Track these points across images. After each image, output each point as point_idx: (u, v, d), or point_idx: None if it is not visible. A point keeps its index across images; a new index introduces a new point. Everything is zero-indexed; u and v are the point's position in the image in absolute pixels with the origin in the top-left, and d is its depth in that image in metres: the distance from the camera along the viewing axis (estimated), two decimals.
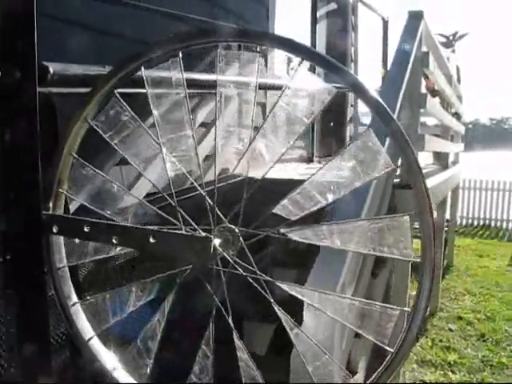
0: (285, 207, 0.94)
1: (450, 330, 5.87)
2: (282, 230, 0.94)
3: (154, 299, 1.04)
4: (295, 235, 0.96)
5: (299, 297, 0.96)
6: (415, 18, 3.69)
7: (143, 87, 0.96)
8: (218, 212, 0.99)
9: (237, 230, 0.92)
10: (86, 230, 0.94)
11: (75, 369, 1.20)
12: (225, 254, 0.91)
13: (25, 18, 0.93)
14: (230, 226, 0.92)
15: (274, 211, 0.92)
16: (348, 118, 7.24)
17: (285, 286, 0.96)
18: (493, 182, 13.67)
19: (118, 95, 0.95)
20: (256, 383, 0.99)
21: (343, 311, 0.95)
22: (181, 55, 0.96)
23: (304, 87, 0.94)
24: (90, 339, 1.01)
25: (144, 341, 0.99)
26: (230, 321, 0.94)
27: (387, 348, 0.95)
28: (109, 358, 1.01)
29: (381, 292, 3.52)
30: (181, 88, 0.98)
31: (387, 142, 1.13)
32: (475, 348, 5.34)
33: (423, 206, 0.98)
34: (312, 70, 1.06)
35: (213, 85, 0.99)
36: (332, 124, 6.28)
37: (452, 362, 4.93)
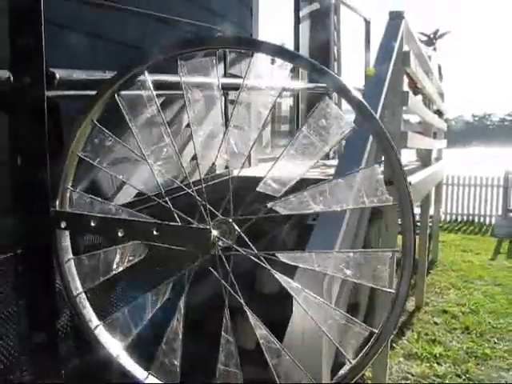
0: (267, 185, 1.01)
1: (436, 323, 5.97)
2: (269, 205, 1.01)
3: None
4: (282, 208, 1.02)
5: (299, 265, 1.03)
6: (396, 18, 3.78)
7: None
8: (211, 208, 1.05)
9: (230, 220, 0.99)
10: (92, 224, 1.00)
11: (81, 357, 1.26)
12: (224, 240, 0.98)
13: (34, 29, 0.98)
14: (223, 217, 0.99)
15: (257, 189, 0.99)
16: None
17: (284, 256, 1.02)
18: (475, 177, 13.86)
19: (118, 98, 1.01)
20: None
21: (342, 266, 1.03)
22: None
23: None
24: (96, 327, 1.07)
25: (167, 340, 1.06)
26: (242, 301, 1.01)
27: (387, 290, 1.03)
28: (114, 346, 1.07)
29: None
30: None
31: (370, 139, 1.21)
32: (460, 340, 5.45)
33: (404, 202, 1.07)
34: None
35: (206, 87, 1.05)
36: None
37: (437, 355, 5.02)
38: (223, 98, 1.06)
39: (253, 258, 1.03)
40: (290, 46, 7.18)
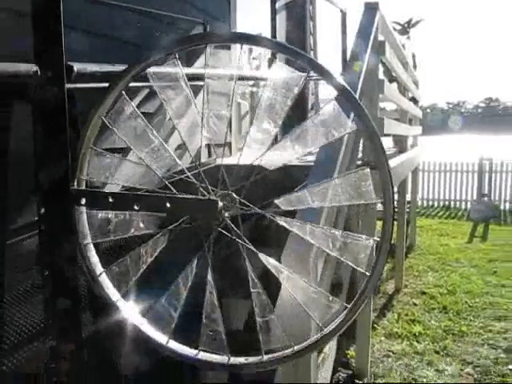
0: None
1: (415, 304, 6.17)
2: (276, 201, 1.13)
3: None
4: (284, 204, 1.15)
5: (292, 229, 1.15)
6: (371, 9, 3.90)
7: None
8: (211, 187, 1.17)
9: (234, 195, 1.12)
10: (110, 200, 1.11)
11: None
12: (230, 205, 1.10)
13: (54, 28, 1.09)
14: (227, 192, 1.11)
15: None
16: (309, 106, 7.49)
17: (278, 218, 1.14)
18: (451, 164, 14.14)
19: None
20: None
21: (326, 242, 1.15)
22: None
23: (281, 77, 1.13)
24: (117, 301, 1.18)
25: (170, 299, 1.17)
26: (245, 255, 1.12)
27: (363, 271, 1.15)
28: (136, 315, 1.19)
29: None
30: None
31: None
32: (438, 319, 5.65)
33: (386, 184, 1.19)
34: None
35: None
36: (294, 111, 6.51)
37: (417, 333, 5.22)
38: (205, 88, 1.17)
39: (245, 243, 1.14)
40: (268, 36, 7.28)
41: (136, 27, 3.79)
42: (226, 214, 1.12)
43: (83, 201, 1.13)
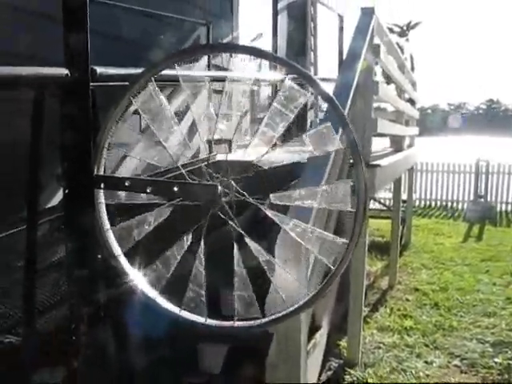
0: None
1: (407, 300, 6.35)
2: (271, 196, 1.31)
3: None
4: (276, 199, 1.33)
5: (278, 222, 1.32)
6: (367, 13, 4.08)
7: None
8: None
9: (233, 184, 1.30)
10: (126, 184, 1.29)
11: None
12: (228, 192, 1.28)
13: (82, 35, 1.27)
14: (227, 179, 1.29)
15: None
16: (309, 105, 7.66)
17: (268, 212, 1.32)
18: (448, 164, 14.30)
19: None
20: None
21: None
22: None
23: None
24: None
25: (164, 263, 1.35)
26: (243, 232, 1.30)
27: (331, 266, 1.33)
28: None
29: None
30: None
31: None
32: (429, 315, 5.83)
33: (360, 179, 1.36)
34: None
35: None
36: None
37: (408, 327, 5.39)
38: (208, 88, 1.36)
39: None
40: (269, 36, 7.43)
41: (140, 28, 3.96)
42: (224, 199, 1.30)
43: (102, 184, 1.31)
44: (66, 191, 1.31)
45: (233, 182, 1.30)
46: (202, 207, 1.29)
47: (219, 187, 1.28)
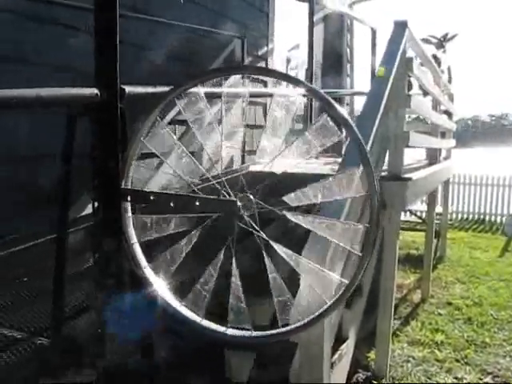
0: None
1: (440, 314, 6.26)
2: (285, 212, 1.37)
3: None
4: (291, 215, 1.38)
5: (306, 226, 1.37)
6: (400, 26, 4.09)
7: None
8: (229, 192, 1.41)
9: (252, 198, 1.36)
10: (151, 198, 1.37)
11: None
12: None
13: (111, 56, 1.36)
14: (247, 195, 1.35)
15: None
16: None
17: (290, 215, 1.37)
18: (487, 177, 14.05)
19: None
20: None
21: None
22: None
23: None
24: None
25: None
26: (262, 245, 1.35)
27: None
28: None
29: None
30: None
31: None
32: (461, 330, 5.74)
33: (372, 191, 1.41)
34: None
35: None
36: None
37: (439, 342, 5.33)
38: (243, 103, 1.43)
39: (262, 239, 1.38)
40: (305, 48, 7.50)
41: (176, 42, 4.06)
42: (246, 213, 1.36)
43: (129, 198, 1.39)
44: (95, 204, 1.39)
45: (251, 196, 1.36)
46: (224, 221, 1.36)
47: (238, 202, 1.34)
